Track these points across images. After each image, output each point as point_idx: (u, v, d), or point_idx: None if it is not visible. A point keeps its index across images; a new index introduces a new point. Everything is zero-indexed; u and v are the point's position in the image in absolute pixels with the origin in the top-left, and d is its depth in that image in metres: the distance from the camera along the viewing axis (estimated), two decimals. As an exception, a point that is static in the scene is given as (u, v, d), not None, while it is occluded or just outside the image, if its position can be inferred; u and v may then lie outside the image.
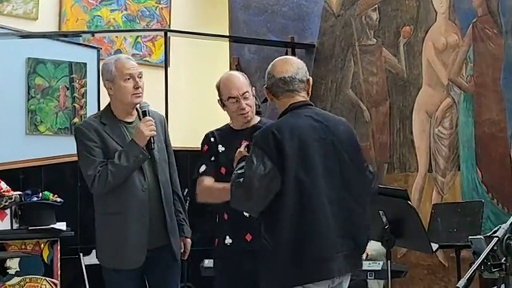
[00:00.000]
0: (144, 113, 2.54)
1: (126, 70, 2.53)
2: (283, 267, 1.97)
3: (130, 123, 2.59)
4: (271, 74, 2.13)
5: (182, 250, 2.64)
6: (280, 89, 2.10)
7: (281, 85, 2.10)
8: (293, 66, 2.14)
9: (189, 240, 2.68)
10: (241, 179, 2.00)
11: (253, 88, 2.54)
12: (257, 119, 2.52)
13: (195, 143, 2.91)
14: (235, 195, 2.04)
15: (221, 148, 2.49)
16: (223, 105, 2.51)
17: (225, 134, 2.51)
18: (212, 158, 2.48)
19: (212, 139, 2.51)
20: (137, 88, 2.53)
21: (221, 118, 2.63)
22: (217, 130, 2.55)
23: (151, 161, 2.55)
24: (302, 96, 2.13)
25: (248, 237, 2.36)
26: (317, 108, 2.22)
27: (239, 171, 2.08)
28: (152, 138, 2.50)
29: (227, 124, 2.57)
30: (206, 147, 2.52)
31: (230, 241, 2.39)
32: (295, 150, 1.99)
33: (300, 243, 1.97)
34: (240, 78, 2.49)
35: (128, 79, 2.52)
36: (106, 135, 2.52)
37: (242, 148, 2.21)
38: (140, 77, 2.56)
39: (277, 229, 1.98)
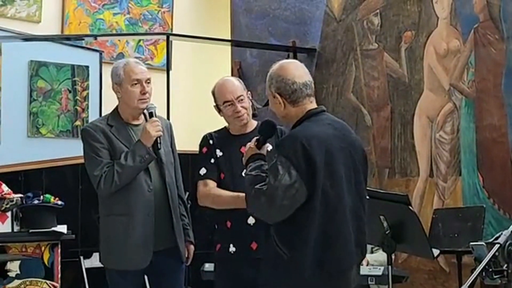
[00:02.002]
0: (151, 114, 2.55)
1: (134, 75, 2.54)
2: (306, 278, 1.95)
3: (137, 125, 2.61)
4: (290, 80, 2.03)
5: (185, 255, 2.64)
6: (303, 93, 2.04)
7: (304, 90, 2.04)
8: (305, 69, 2.12)
9: (192, 246, 2.68)
10: (264, 187, 1.94)
11: (249, 92, 2.53)
12: (254, 123, 2.50)
13: (197, 146, 2.91)
14: (256, 202, 1.96)
15: (219, 153, 2.47)
16: (219, 111, 2.50)
17: (223, 139, 2.49)
18: (212, 160, 2.46)
19: (211, 141, 2.49)
20: (144, 93, 2.54)
21: (222, 122, 2.63)
22: (215, 132, 2.53)
23: (157, 162, 2.55)
24: (314, 101, 2.11)
25: (254, 245, 2.33)
26: (331, 115, 2.19)
27: (253, 172, 2.02)
28: (158, 139, 2.50)
29: (225, 127, 2.55)
30: (205, 149, 2.50)
31: (234, 249, 2.36)
32: (323, 163, 1.95)
33: (325, 255, 1.96)
34: (234, 82, 2.49)
35: (135, 84, 2.54)
36: (112, 136, 2.53)
37: (252, 144, 2.13)
38: (148, 83, 2.57)
39: (302, 240, 1.95)
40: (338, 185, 1.99)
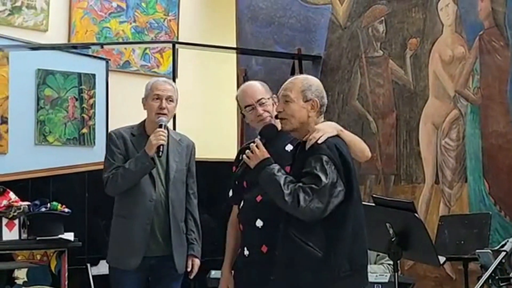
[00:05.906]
0: (160, 126, 2.70)
1: (156, 90, 2.74)
2: (341, 274, 2.05)
3: None
4: (325, 94, 2.26)
5: (189, 269, 2.74)
6: (325, 109, 2.28)
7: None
8: None
9: (197, 261, 2.76)
10: (313, 185, 2.03)
11: (274, 95, 2.45)
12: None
13: (203, 153, 2.94)
14: (308, 201, 2.02)
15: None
16: (243, 116, 2.50)
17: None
18: (236, 182, 2.45)
19: (241, 157, 2.36)
20: (162, 108, 2.71)
21: (229, 129, 2.65)
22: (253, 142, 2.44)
23: (166, 177, 2.72)
24: None
25: (264, 248, 2.30)
26: None
27: (280, 173, 2.09)
28: (161, 147, 2.65)
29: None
30: (234, 168, 2.46)
31: (247, 252, 2.35)
32: (351, 163, 2.14)
33: (353, 251, 2.09)
34: (254, 86, 2.47)
35: (156, 98, 2.72)
36: (131, 145, 2.73)
37: (260, 146, 2.18)
38: (171, 100, 2.74)
39: (340, 238, 2.06)
40: (358, 184, 2.15)
